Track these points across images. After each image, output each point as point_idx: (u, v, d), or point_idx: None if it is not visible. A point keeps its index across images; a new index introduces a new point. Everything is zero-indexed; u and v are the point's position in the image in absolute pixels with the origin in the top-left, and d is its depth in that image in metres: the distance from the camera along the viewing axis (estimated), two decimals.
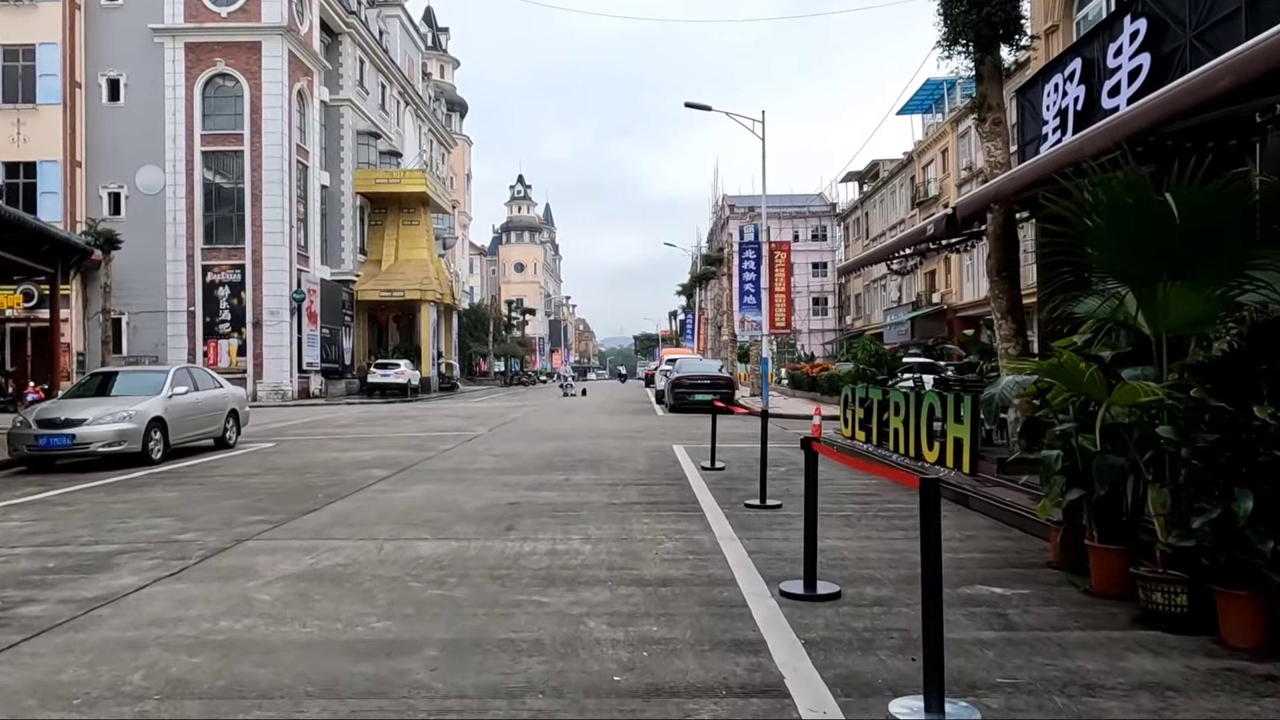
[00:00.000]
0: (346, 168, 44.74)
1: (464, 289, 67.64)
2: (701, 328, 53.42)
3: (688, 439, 16.40)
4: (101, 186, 36.53)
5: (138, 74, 36.65)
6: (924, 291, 54.53)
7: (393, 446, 15.31)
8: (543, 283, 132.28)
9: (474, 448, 14.91)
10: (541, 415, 24.79)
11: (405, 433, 18.73)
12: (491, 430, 19.02)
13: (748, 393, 28.33)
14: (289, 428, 20.91)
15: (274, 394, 36.22)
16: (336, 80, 44.46)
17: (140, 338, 36.45)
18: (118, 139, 36.58)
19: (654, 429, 19.27)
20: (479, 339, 69.75)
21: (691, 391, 24.67)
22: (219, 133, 36.79)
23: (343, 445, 15.88)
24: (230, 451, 15.07)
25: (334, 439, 17.36)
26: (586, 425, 20.47)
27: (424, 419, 23.78)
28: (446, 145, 68.28)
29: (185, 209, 36.50)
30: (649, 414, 25.19)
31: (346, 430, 19.77)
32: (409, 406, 32.55)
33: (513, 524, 7.68)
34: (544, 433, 18.23)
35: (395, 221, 48.01)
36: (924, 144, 54.70)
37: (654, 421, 21.84)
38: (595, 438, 16.86)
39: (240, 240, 36.69)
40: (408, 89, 55.22)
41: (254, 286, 36.57)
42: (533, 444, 15.59)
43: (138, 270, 36.28)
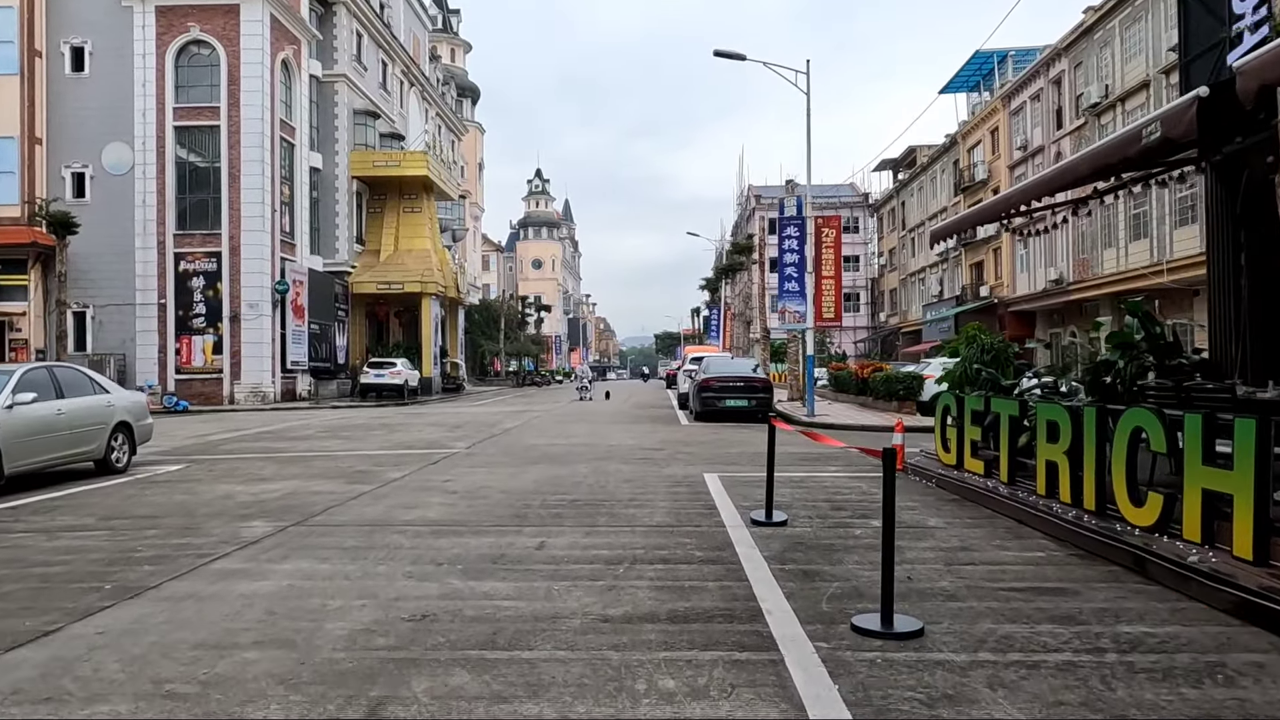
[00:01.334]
0: (341, 149, 41.02)
1: (472, 282, 63.88)
2: (728, 324, 49.44)
3: (721, 462, 12.37)
4: (64, 166, 32.95)
5: (104, 41, 33.05)
6: (970, 284, 50.13)
7: (326, 475, 11.37)
8: (561, 280, 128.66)
9: (432, 477, 10.95)
10: (543, 425, 20.83)
11: (363, 449, 14.83)
12: (472, 447, 15.07)
13: (784, 397, 24.23)
14: (230, 440, 17.07)
15: (253, 396, 32.51)
16: (330, 54, 40.75)
17: (106, 333, 32.86)
18: (82, 114, 33.00)
19: (678, 446, 15.25)
20: (491, 337, 65.97)
21: (721, 396, 20.63)
22: (193, 106, 33.11)
23: (267, 470, 11.97)
24: (109, 479, 11.20)
25: (269, 458, 13.48)
26: (594, 440, 16.48)
27: (403, 428, 19.90)
28: (457, 132, 64.53)
29: (156, 190, 32.85)
30: (671, 423, 21.17)
31: (297, 445, 15.89)
32: (398, 412, 28.70)
33: (387, 696, 3.69)
34: (537, 451, 14.26)
35: (395, 208, 44.24)
36: (970, 124, 50.28)
37: (677, 434, 17.81)
38: (602, 459, 12.87)
39: (216, 225, 33.00)
40: (412, 68, 51.47)
41: (231, 276, 32.87)
42: (516, 470, 11.61)
43: (103, 259, 32.72)
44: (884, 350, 69.94)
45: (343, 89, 41.01)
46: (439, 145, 56.80)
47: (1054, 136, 39.07)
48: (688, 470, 11.50)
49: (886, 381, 21.72)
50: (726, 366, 22.18)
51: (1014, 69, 45.99)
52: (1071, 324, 39.62)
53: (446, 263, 46.41)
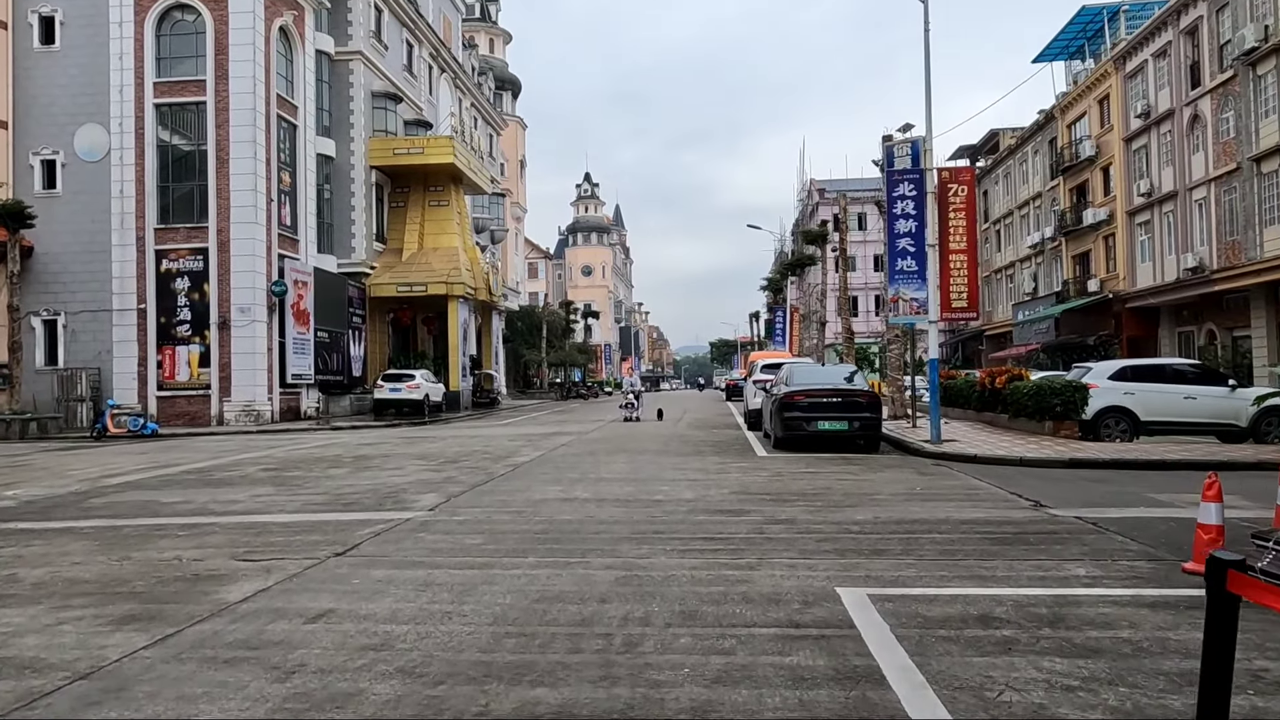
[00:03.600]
0: (358, 136, 36.37)
1: (512, 286, 59.00)
2: (794, 326, 43.81)
3: (855, 546, 6.86)
4: (32, 153, 28.67)
5: (76, 10, 28.78)
6: (1073, 278, 43.65)
7: (116, 590, 6.15)
8: (612, 287, 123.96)
9: (295, 605, 5.65)
10: (568, 458, 15.50)
11: (275, 509, 9.66)
12: (440, 507, 9.81)
13: (885, 414, 18.57)
14: (117, 488, 12.03)
15: (245, 415, 27.77)
16: (344, 29, 36.17)
17: (80, 344, 28.45)
18: (52, 92, 28.74)
19: (763, 502, 9.81)
20: (534, 345, 61.04)
21: (812, 417, 15.08)
22: (175, 80, 28.62)
23: (56, 566, 6.84)
24: None
25: (129, 525, 8.41)
26: (633, 489, 11.11)
27: (383, 463, 14.74)
28: (495, 126, 59.89)
29: (135, 178, 28.40)
30: (743, 453, 15.68)
31: (196, 497, 10.80)
32: (404, 435, 23.67)
33: None
34: (538, 519, 8.96)
35: (420, 202, 39.47)
36: (1072, 94, 43.90)
37: (756, 475, 12.33)
38: (639, 541, 7.48)
39: (203, 218, 28.41)
40: (441, 51, 46.83)
41: (220, 277, 28.22)
42: (479, 577, 6.29)
43: (77, 258, 28.40)
44: (964, 357, 63.34)
45: (359, 68, 36.39)
46: (474, 137, 52.13)
47: (1188, 97, 32.72)
48: (801, 576, 6.03)
49: (1036, 394, 15.92)
50: (815, 376, 16.61)
51: (1127, 26, 39.60)
52: (1209, 322, 33.14)
53: (478, 262, 41.51)
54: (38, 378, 27.77)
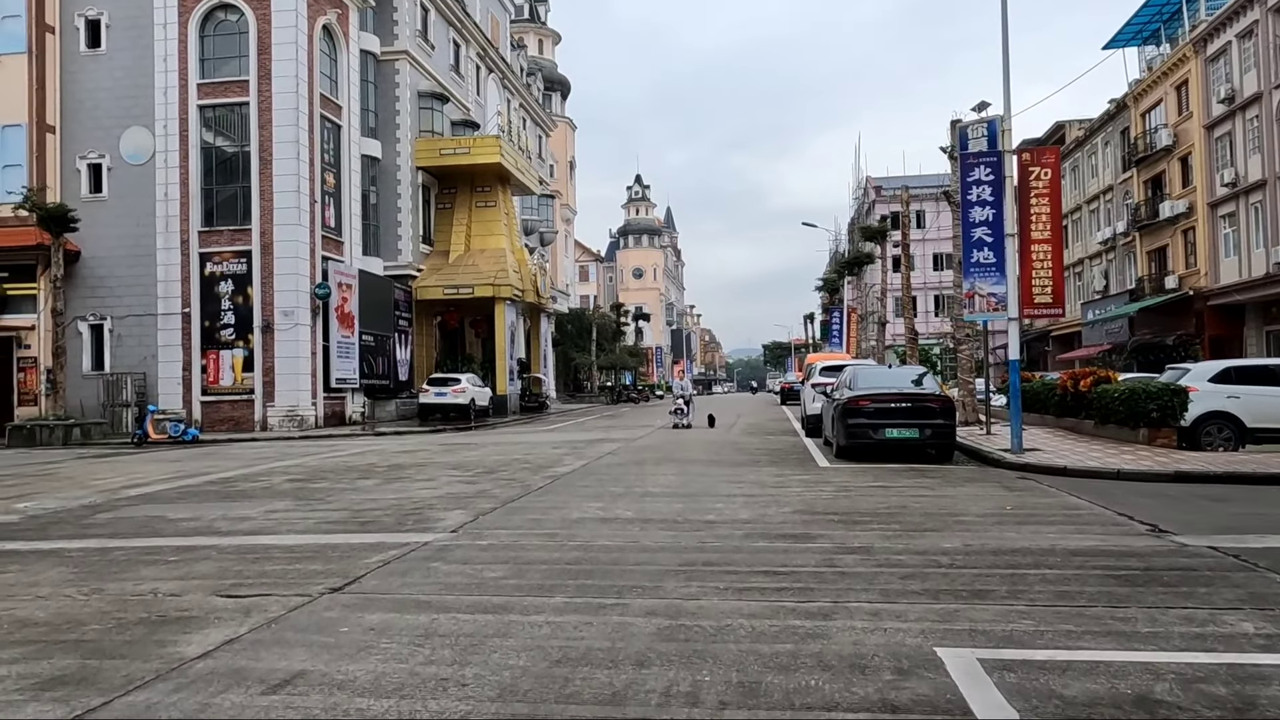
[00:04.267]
0: (404, 136, 35.82)
1: (562, 289, 58.20)
2: (852, 327, 42.19)
3: (946, 583, 5.63)
4: (79, 157, 28.54)
5: (122, 12, 28.60)
6: (1148, 275, 41.34)
7: (63, 637, 5.21)
8: (664, 289, 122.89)
9: (267, 663, 4.64)
10: (612, 468, 14.44)
11: (291, 526, 8.76)
12: (466, 527, 8.81)
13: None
14: (134, 500, 11.26)
15: (289, 421, 27.24)
16: (390, 29, 35.66)
17: (125, 349, 28.21)
18: (98, 96, 28.59)
19: (830, 523, 8.63)
20: (583, 349, 60.18)
21: (879, 423, 13.80)
22: (219, 81, 28.26)
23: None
24: None
25: (120, 548, 7.56)
26: (682, 505, 10.02)
27: (417, 472, 13.83)
28: (544, 127, 59.23)
29: (179, 181, 28.10)
30: (803, 463, 14.45)
31: (207, 511, 9.96)
32: (446, 441, 22.87)
33: None
34: (573, 543, 7.94)
35: (467, 203, 38.81)
36: (1146, 81, 41.64)
37: (820, 490, 11.12)
38: (687, 576, 6.37)
39: (246, 220, 27.99)
40: (489, 51, 46.22)
41: (263, 280, 27.76)
42: (494, 625, 5.26)
43: (122, 262, 28.20)
44: (1029, 359, 60.97)
45: (404, 68, 35.86)
46: (522, 138, 51.46)
47: (1277, 79, 30.55)
48: (888, 628, 4.84)
49: (1129, 399, 14.39)
50: (881, 379, 15.29)
51: (1207, 7, 37.31)
52: None
53: (526, 264, 40.72)
54: (84, 383, 27.59)
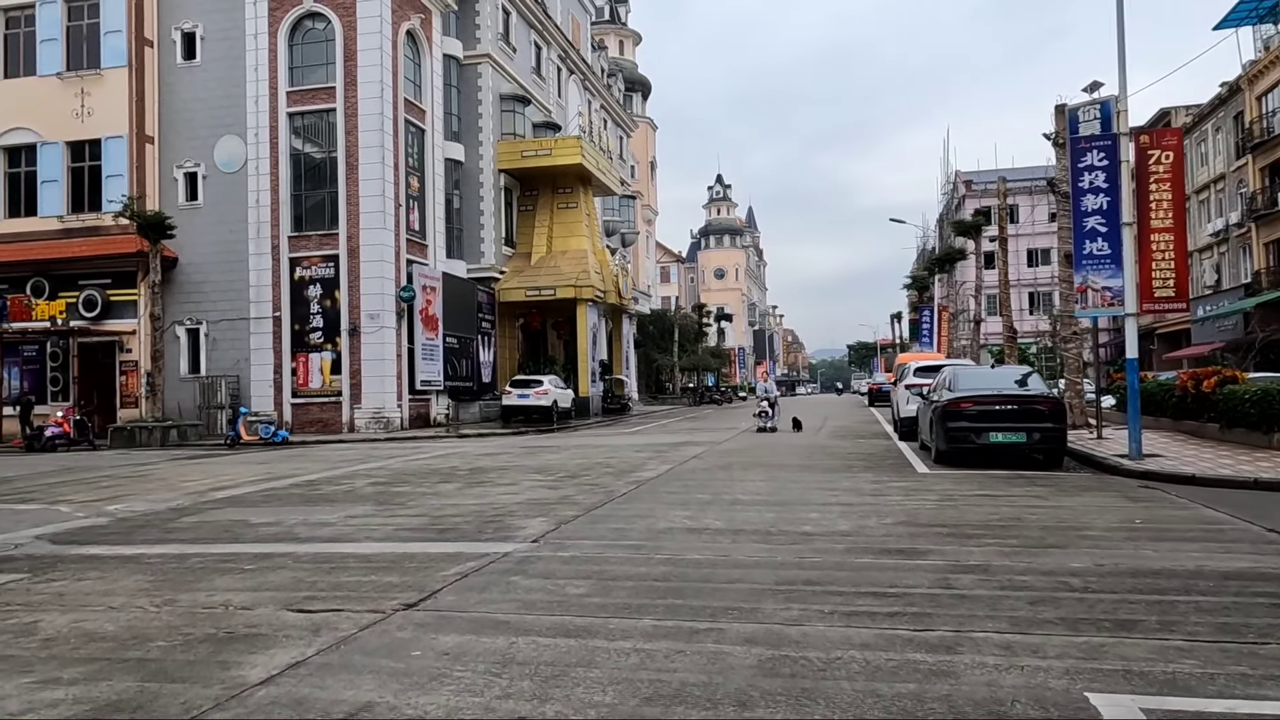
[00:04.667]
0: (486, 139, 35.98)
1: (644, 290, 57.89)
2: (943, 326, 40.73)
3: (1102, 625, 4.92)
4: (176, 166, 29.38)
5: (215, 24, 29.34)
6: (1266, 269, 38.80)
7: (127, 655, 4.95)
8: (745, 290, 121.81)
9: (333, 692, 4.28)
10: (698, 473, 13.94)
11: (369, 532, 8.52)
12: (548, 536, 8.45)
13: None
14: (221, 502, 11.24)
15: (375, 423, 27.51)
16: (472, 33, 35.88)
17: (220, 352, 28.92)
18: (194, 107, 29.39)
19: (942, 537, 7.98)
20: (665, 350, 59.75)
21: (981, 426, 12.96)
22: (307, 88, 28.75)
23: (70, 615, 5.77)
24: None
25: (199, 555, 7.44)
26: (775, 514, 9.48)
27: (499, 475, 13.57)
28: (625, 127, 59.08)
29: (270, 188, 28.68)
30: (899, 469, 13.69)
31: (289, 515, 9.83)
32: (529, 443, 22.70)
33: None
34: (659, 557, 7.50)
35: (548, 205, 38.81)
36: (1263, 62, 39.13)
37: (923, 499, 10.42)
38: (787, 599, 5.82)
39: (334, 225, 28.40)
40: (570, 53, 46.21)
41: (350, 283, 28.11)
42: (560, 671, 4.77)
43: (217, 267, 28.91)
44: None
45: (487, 71, 36.02)
46: (603, 139, 51.35)
47: None
48: (1026, 666, 4.20)
49: (1262, 400, 13.20)
50: (983, 380, 14.40)
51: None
52: None
53: (607, 265, 40.50)
54: (181, 385, 28.39)
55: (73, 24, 29.50)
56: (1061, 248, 18.69)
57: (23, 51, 29.88)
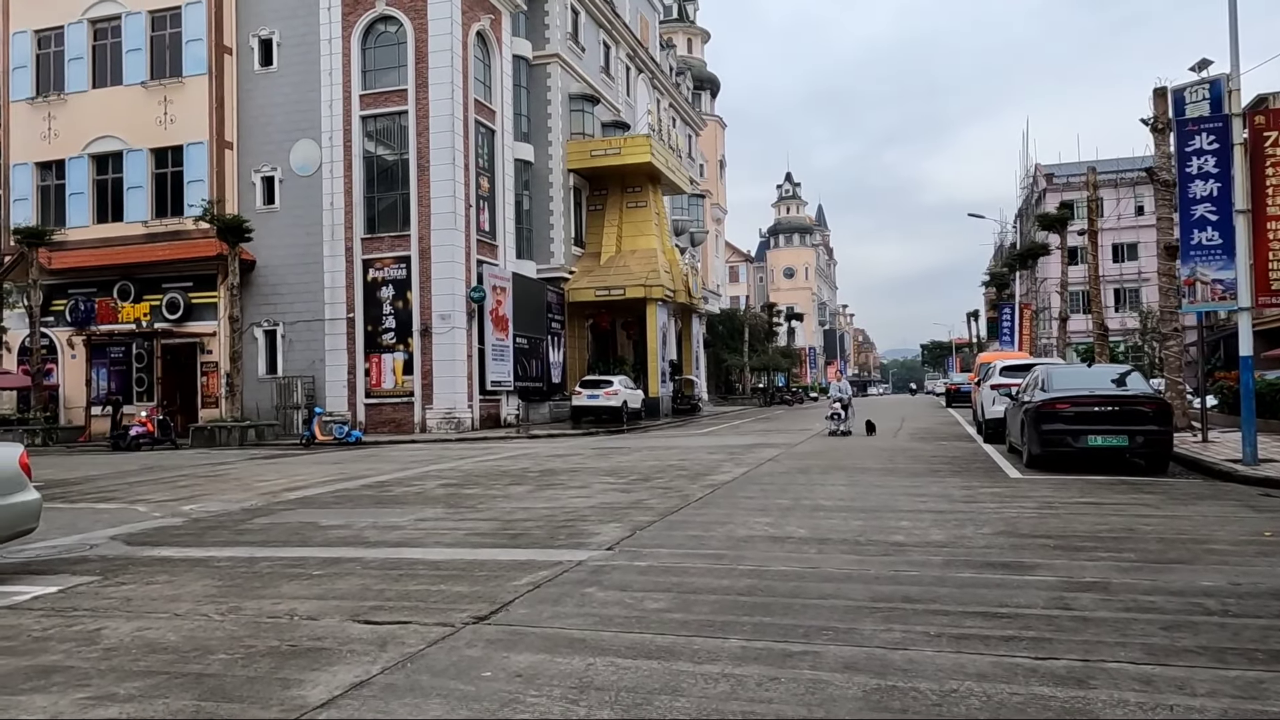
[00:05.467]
0: (555, 139, 35.90)
1: (713, 289, 57.35)
2: (1025, 324, 39.28)
3: (1255, 658, 4.32)
4: (254, 170, 29.94)
5: (291, 30, 29.83)
6: None
7: (186, 669, 4.72)
8: (815, 289, 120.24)
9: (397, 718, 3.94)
10: (775, 477, 13.47)
11: (440, 534, 8.27)
12: (624, 542, 8.10)
13: None
14: (293, 503, 11.17)
15: (446, 423, 27.60)
16: (541, 33, 35.85)
17: (296, 353, 29.37)
18: (271, 112, 29.91)
19: (1048, 549, 7.39)
20: (735, 350, 59.09)
21: (1081, 430, 12.21)
22: (379, 91, 29.01)
23: (181, 606, 5.60)
24: None
25: (268, 559, 7.29)
26: (860, 521, 8.98)
27: (570, 477, 13.29)
28: (694, 126, 58.61)
29: (344, 190, 29.01)
30: (989, 473, 12.99)
31: (359, 518, 9.68)
32: (599, 444, 22.44)
33: None
34: (744, 566, 7.11)
35: (618, 204, 38.58)
36: None
37: (1023, 511, 9.78)
38: (880, 615, 5.35)
39: (405, 226, 28.59)
40: (639, 52, 45.96)
41: (421, 284, 28.27)
42: (642, 699, 4.38)
43: (293, 269, 29.35)
44: (1226, 356, 55.14)
45: (555, 71, 35.94)
46: (672, 137, 50.96)
47: None
48: (1176, 709, 3.67)
49: None
50: (1079, 380, 13.59)
51: None
52: None
53: (676, 264, 40.12)
54: (259, 386, 28.90)
55: (156, 34, 30.30)
56: (1161, 239, 17.64)
57: (110, 62, 30.80)
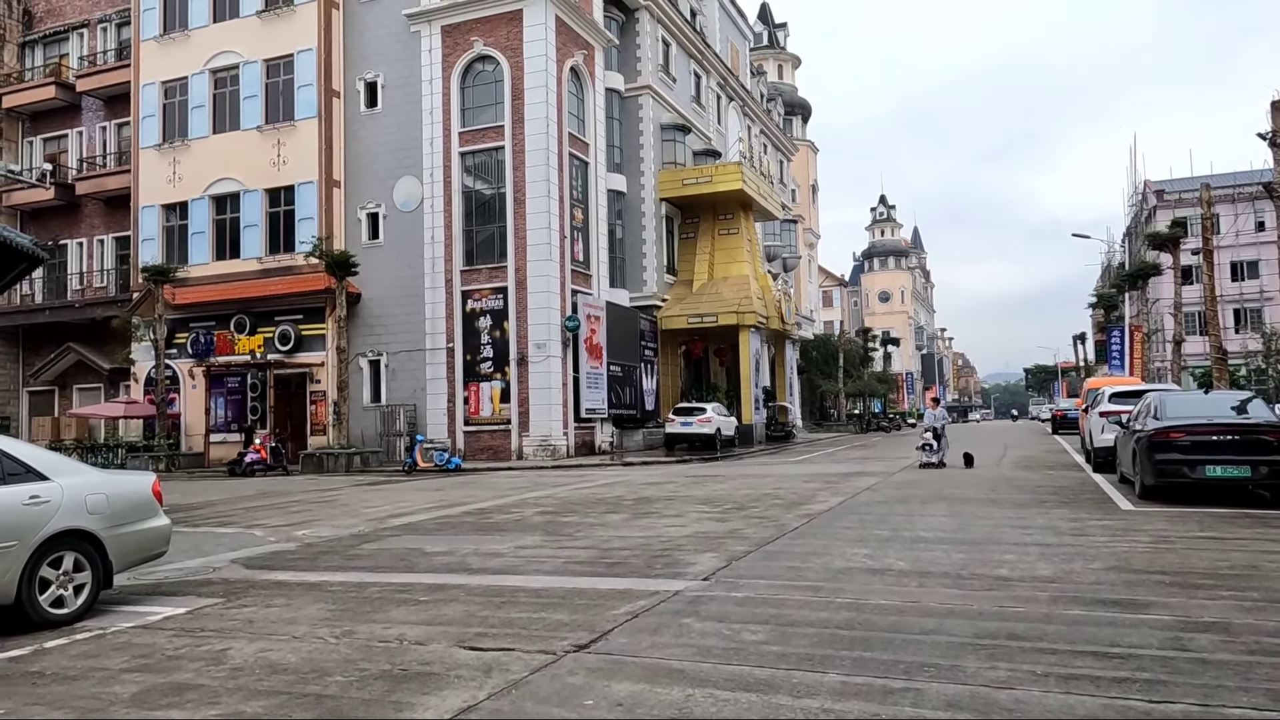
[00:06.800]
0: (648, 169, 36.37)
1: (807, 315, 56.82)
2: (1136, 347, 37.66)
3: None
4: (360, 208, 31.22)
5: (394, 72, 31.09)
6: None
7: (305, 690, 4.98)
8: (912, 312, 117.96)
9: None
10: (873, 507, 13.26)
11: (538, 564, 8.44)
12: (720, 572, 8.11)
13: None
14: (397, 530, 11.56)
15: (542, 450, 28.06)
16: (633, 65, 36.47)
17: (398, 382, 30.34)
18: (375, 151, 31.19)
19: (1170, 595, 7.11)
20: (830, 375, 58.34)
21: (1199, 460, 11.67)
22: (477, 128, 29.94)
23: (300, 627, 5.92)
24: (24, 642, 5.76)
25: (376, 584, 7.61)
26: (963, 555, 8.80)
27: (664, 506, 13.36)
28: (786, 151, 58.52)
29: (444, 224, 29.97)
30: (1099, 505, 12.51)
31: (461, 545, 9.95)
32: (693, 472, 22.45)
33: None
34: (841, 600, 7.04)
35: (710, 232, 38.72)
36: None
37: (1135, 546, 9.42)
38: (985, 653, 5.26)
39: (502, 258, 29.32)
40: (729, 80, 46.25)
41: (518, 314, 28.90)
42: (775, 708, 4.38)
43: (396, 301, 30.40)
44: None
45: (647, 102, 36.47)
46: (764, 163, 50.99)
47: None
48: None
49: None
50: (1196, 407, 13.02)
51: None
52: None
53: (769, 290, 39.97)
54: (364, 414, 29.95)
55: (270, 80, 32.00)
56: None
57: (229, 109, 32.67)
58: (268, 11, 31.85)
